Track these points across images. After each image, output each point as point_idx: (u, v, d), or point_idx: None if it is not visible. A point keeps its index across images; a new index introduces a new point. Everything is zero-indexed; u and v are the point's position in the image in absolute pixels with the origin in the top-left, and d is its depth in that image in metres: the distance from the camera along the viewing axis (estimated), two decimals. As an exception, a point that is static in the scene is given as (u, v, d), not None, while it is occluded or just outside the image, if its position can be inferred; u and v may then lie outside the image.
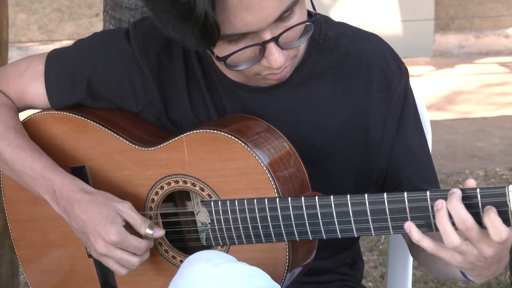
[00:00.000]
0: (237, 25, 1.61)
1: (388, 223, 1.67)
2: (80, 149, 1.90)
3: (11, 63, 2.03)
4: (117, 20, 2.68)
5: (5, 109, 1.94)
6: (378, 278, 3.53)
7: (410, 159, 1.87)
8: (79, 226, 1.79)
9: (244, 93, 1.85)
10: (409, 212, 1.63)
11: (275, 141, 1.77)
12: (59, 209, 1.83)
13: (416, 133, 1.89)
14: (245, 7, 1.59)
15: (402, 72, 1.86)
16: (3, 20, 2.55)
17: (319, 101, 1.85)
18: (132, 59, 1.89)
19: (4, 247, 2.64)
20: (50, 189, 1.83)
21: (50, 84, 1.94)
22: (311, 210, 1.70)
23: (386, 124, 1.84)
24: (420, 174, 1.87)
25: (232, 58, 1.68)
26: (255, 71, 1.72)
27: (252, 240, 1.75)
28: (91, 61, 1.92)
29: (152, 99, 1.89)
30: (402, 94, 1.85)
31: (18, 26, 6.43)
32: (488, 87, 5.74)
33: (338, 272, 2.00)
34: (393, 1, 6.18)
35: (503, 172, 4.44)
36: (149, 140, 1.86)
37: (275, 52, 1.67)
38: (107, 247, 1.77)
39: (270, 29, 1.64)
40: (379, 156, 1.85)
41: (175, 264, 1.84)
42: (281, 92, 1.84)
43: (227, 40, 1.64)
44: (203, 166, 1.76)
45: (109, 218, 1.76)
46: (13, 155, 1.88)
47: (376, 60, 1.85)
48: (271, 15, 1.62)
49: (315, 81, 1.85)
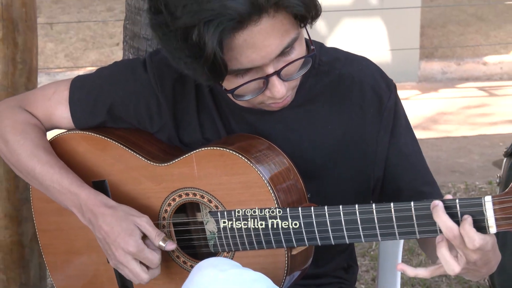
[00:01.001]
0: (243, 62, 1.62)
1: (377, 230, 1.67)
2: (101, 165, 1.90)
3: (39, 88, 2.04)
4: (135, 49, 2.68)
5: (35, 129, 1.95)
6: (369, 281, 3.52)
7: (407, 165, 1.87)
8: (102, 236, 1.79)
9: (250, 115, 1.85)
10: (396, 220, 1.63)
11: (276, 157, 1.77)
12: (84, 220, 1.83)
13: (409, 141, 1.90)
14: (249, 46, 1.60)
15: (391, 89, 1.87)
16: (33, 49, 2.55)
17: (317, 119, 1.85)
18: (148, 87, 1.89)
19: (33, 253, 2.64)
20: (76, 203, 1.84)
21: (74, 107, 1.94)
22: (307, 220, 1.69)
23: (379, 136, 1.85)
24: (418, 178, 1.87)
25: (238, 90, 1.68)
26: (259, 101, 1.73)
27: (254, 247, 1.74)
28: (112, 88, 1.93)
29: (165, 123, 1.89)
30: (393, 108, 1.86)
31: (46, 54, 6.44)
32: (468, 109, 5.73)
33: (334, 275, 2.00)
34: (383, 32, 6.18)
35: (482, 185, 4.43)
36: (162, 157, 1.86)
37: (277, 84, 1.68)
38: (125, 256, 1.76)
39: (272, 64, 1.65)
40: (374, 166, 1.85)
41: (186, 268, 1.83)
42: (283, 113, 1.84)
43: (234, 74, 1.65)
44: (211, 180, 1.75)
45: (128, 231, 1.76)
46: (42, 171, 1.88)
47: (366, 80, 1.86)
48: (273, 52, 1.62)
49: (313, 102, 1.85)
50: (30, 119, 1.95)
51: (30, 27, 2.52)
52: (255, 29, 1.58)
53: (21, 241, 2.61)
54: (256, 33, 1.58)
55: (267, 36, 1.59)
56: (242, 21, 1.56)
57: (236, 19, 1.55)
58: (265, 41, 1.60)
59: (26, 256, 2.64)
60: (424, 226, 1.61)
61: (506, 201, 1.55)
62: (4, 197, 2.56)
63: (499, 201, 1.55)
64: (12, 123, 1.94)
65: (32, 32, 2.54)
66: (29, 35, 2.52)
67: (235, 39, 1.58)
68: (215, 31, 1.54)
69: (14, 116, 1.95)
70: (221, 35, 1.55)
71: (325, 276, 1.96)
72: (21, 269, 2.64)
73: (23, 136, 1.91)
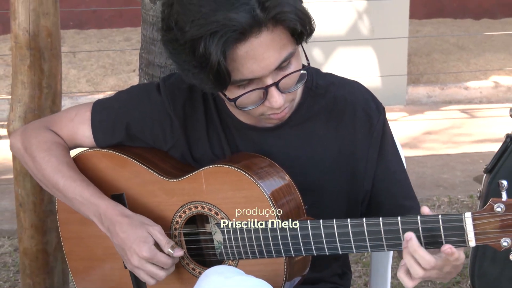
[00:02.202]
0: (245, 72, 1.63)
1: (367, 242, 1.67)
2: (119, 179, 1.91)
3: (63, 111, 2.05)
4: (150, 75, 2.68)
5: (59, 147, 1.95)
6: (362, 285, 3.50)
7: (392, 180, 1.88)
8: (119, 242, 1.79)
9: (253, 133, 1.85)
10: (384, 234, 1.63)
11: (276, 174, 1.77)
12: (103, 228, 1.83)
13: (394, 159, 1.90)
14: (250, 57, 1.61)
15: (380, 111, 1.87)
16: (57, 75, 2.55)
17: (314, 137, 1.86)
18: (162, 108, 1.90)
19: (57, 260, 2.63)
20: (96, 212, 1.84)
21: (96, 127, 1.95)
22: (304, 232, 1.69)
23: (369, 154, 1.85)
24: (401, 193, 1.87)
25: (240, 100, 1.68)
26: (260, 112, 1.72)
27: (256, 256, 1.74)
28: (129, 110, 1.93)
29: (178, 140, 1.90)
30: (381, 129, 1.86)
31: (70, 79, 6.45)
32: (451, 129, 5.73)
33: (330, 281, 1.99)
34: (374, 60, 6.19)
35: (464, 199, 4.42)
36: (175, 173, 1.85)
37: (275, 95, 1.68)
38: (140, 261, 1.76)
39: (271, 76, 1.65)
40: (364, 181, 1.85)
41: (195, 275, 1.82)
42: (283, 131, 1.84)
43: (236, 85, 1.65)
44: (217, 195, 1.75)
45: (142, 238, 1.76)
46: (65, 185, 1.88)
47: (358, 102, 1.86)
48: (272, 64, 1.63)
49: (310, 121, 1.86)
50: (55, 138, 1.95)
51: (55, 55, 2.53)
52: (256, 41, 1.59)
53: (46, 249, 2.60)
54: (256, 45, 1.60)
55: (267, 49, 1.61)
56: (244, 33, 1.58)
57: (239, 31, 1.57)
58: (264, 54, 1.61)
59: (51, 263, 2.63)
60: None
61: (484, 217, 1.55)
62: (31, 209, 2.56)
63: (478, 217, 1.55)
64: (39, 142, 1.94)
65: (57, 59, 2.54)
66: (54, 62, 2.53)
67: (238, 50, 1.59)
68: (219, 41, 1.56)
69: (40, 135, 1.95)
70: (225, 46, 1.57)
71: (322, 281, 1.95)
72: (46, 274, 2.64)
73: (48, 153, 1.91)
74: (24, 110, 2.49)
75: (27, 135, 1.98)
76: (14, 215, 2.72)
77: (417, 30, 7.85)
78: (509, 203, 1.54)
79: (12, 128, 2.49)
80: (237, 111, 1.77)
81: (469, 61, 7.08)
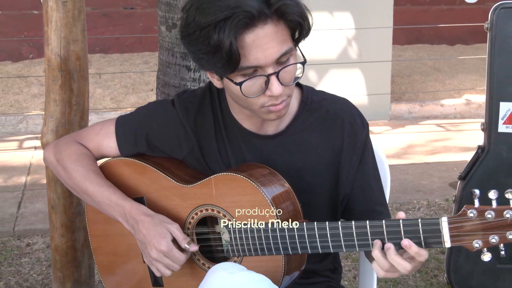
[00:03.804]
0: (250, 59, 1.63)
1: (355, 242, 1.66)
2: (140, 185, 1.91)
3: (89, 126, 2.06)
4: (166, 94, 2.69)
5: (87, 157, 1.95)
6: (351, 278, 3.49)
7: (367, 187, 1.89)
8: (141, 238, 1.79)
9: (256, 140, 1.86)
10: (370, 235, 1.62)
11: (277, 182, 1.77)
12: (128, 226, 1.84)
13: (372, 169, 1.91)
14: (256, 45, 1.60)
15: (364, 126, 1.88)
16: (85, 93, 2.56)
17: (308, 146, 1.86)
18: (177, 120, 1.90)
19: (84, 256, 2.63)
20: (122, 213, 1.84)
21: (120, 139, 1.95)
22: (300, 233, 1.68)
23: (351, 162, 1.85)
24: (374, 199, 1.87)
25: (245, 87, 1.68)
26: (261, 102, 1.72)
27: (258, 253, 1.73)
28: (148, 123, 1.94)
29: (192, 147, 1.90)
30: (364, 141, 1.87)
31: (96, 97, 6.46)
32: (429, 141, 5.73)
33: (323, 275, 1.98)
34: (361, 80, 6.20)
35: (440, 202, 4.41)
36: (188, 179, 1.85)
37: (275, 83, 1.68)
38: (158, 254, 1.76)
39: (273, 66, 1.66)
40: (345, 185, 1.86)
41: (204, 269, 1.82)
42: (283, 139, 1.84)
43: (242, 73, 1.63)
44: (226, 199, 1.75)
45: (162, 234, 1.76)
46: (94, 190, 1.88)
47: (346, 117, 1.87)
48: (274, 54, 1.62)
49: (305, 132, 1.86)
50: (83, 150, 1.95)
51: (83, 77, 2.53)
52: (262, 32, 1.61)
53: (74, 246, 2.60)
54: (262, 35, 1.61)
55: (270, 39, 1.62)
56: (252, 18, 1.60)
57: (248, 16, 1.59)
58: (268, 43, 1.62)
59: (78, 258, 2.63)
60: (394, 240, 1.60)
61: (458, 221, 1.54)
62: (61, 211, 2.56)
63: (453, 221, 1.55)
64: (69, 154, 1.94)
65: (85, 80, 2.55)
66: (82, 82, 2.53)
67: (246, 37, 1.61)
68: (231, 25, 1.58)
69: (70, 148, 1.96)
70: (236, 30, 1.59)
71: (316, 275, 1.95)
72: (74, 268, 2.63)
73: (77, 163, 1.91)
74: (56, 124, 2.49)
75: (59, 149, 1.98)
76: (46, 216, 2.72)
77: (399, 54, 7.86)
78: (481, 209, 1.53)
79: (45, 140, 2.49)
80: (241, 109, 1.77)
81: (445, 81, 7.09)
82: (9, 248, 3.82)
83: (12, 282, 3.47)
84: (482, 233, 1.53)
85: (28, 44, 7.53)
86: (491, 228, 1.52)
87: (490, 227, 1.52)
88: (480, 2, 6.07)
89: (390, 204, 4.34)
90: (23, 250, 3.81)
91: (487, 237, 1.53)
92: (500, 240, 1.52)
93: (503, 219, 1.51)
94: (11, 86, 6.70)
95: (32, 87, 6.65)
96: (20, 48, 7.55)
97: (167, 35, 2.68)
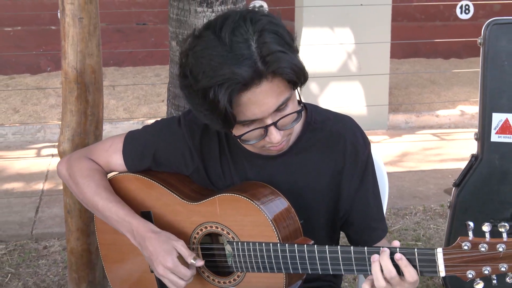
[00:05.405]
0: (248, 115, 1.61)
1: (353, 267, 1.63)
2: (147, 199, 1.89)
3: (99, 142, 2.05)
4: (176, 105, 2.68)
5: (97, 173, 1.94)
6: (351, 280, 3.48)
7: (365, 204, 1.84)
8: (148, 254, 1.77)
9: (260, 160, 1.83)
10: (368, 260, 1.61)
11: (278, 201, 1.74)
12: (135, 242, 1.81)
13: (372, 188, 1.87)
14: (253, 103, 1.59)
15: (366, 146, 1.85)
16: (100, 104, 2.56)
17: (311, 165, 1.83)
18: (182, 139, 1.88)
19: (98, 258, 2.62)
20: (129, 229, 1.82)
21: (127, 156, 1.94)
22: (301, 254, 1.65)
23: (352, 180, 1.82)
24: (371, 216, 1.84)
25: (244, 137, 1.66)
26: (261, 145, 1.71)
27: (260, 270, 1.71)
28: (155, 141, 1.92)
29: (197, 167, 1.88)
30: (365, 161, 1.84)
31: (110, 108, 6.47)
32: (425, 150, 5.72)
33: (325, 280, 1.97)
34: (360, 92, 6.20)
35: (436, 207, 4.39)
36: (193, 196, 1.84)
37: (274, 133, 1.66)
38: (164, 270, 1.74)
39: (271, 117, 1.63)
40: (345, 203, 1.83)
41: (209, 281, 1.81)
42: (285, 159, 1.82)
43: (241, 124, 1.63)
44: (229, 218, 1.72)
45: (168, 251, 1.73)
46: (103, 205, 1.86)
47: (349, 137, 1.83)
48: (271, 108, 1.61)
49: (308, 151, 1.83)
50: (94, 165, 1.94)
51: (98, 88, 2.54)
52: (257, 90, 1.57)
53: (89, 249, 2.60)
54: (258, 93, 1.57)
55: (266, 95, 1.58)
56: (246, 84, 1.55)
57: (242, 83, 1.55)
58: (264, 99, 1.58)
59: (93, 260, 2.63)
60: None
61: (453, 253, 1.52)
62: (77, 216, 2.56)
63: (448, 253, 1.53)
64: (80, 170, 1.93)
65: (99, 92, 2.55)
66: (97, 94, 2.53)
67: (242, 97, 1.57)
68: (226, 91, 1.54)
69: (81, 164, 1.94)
70: (231, 95, 1.55)
71: (319, 280, 1.94)
72: (89, 270, 2.63)
73: (88, 179, 1.90)
74: (72, 134, 2.49)
75: (71, 164, 1.97)
76: (63, 220, 2.72)
77: (396, 68, 7.85)
78: (475, 242, 1.51)
79: (62, 149, 2.49)
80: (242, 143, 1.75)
81: (440, 93, 7.08)
82: (27, 251, 3.83)
83: (30, 283, 3.48)
84: (475, 264, 1.51)
85: (46, 57, 7.56)
86: (484, 260, 1.50)
87: (483, 259, 1.50)
88: (474, 18, 6.07)
89: (388, 209, 4.33)
90: (40, 253, 3.81)
91: (480, 268, 1.50)
92: (492, 271, 1.50)
93: (496, 252, 1.49)
94: (30, 97, 6.72)
95: (50, 98, 6.67)
96: (38, 62, 7.57)
97: (177, 49, 2.69)
